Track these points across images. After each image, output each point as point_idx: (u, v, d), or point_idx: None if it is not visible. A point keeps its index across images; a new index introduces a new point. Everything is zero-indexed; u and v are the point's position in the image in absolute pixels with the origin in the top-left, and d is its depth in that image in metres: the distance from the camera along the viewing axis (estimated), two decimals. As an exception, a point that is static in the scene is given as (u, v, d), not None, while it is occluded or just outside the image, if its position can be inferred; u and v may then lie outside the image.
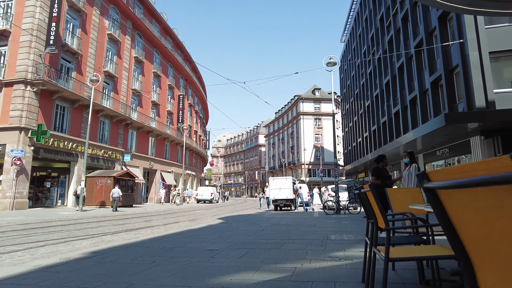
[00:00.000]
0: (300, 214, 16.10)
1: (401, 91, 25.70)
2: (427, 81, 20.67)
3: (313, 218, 13.20)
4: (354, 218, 12.60)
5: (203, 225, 10.63)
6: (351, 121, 47.81)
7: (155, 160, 35.44)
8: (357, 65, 41.98)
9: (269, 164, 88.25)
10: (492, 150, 14.91)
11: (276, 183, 19.09)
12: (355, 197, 15.23)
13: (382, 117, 30.88)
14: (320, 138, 68.01)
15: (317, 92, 71.46)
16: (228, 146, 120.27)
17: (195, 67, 53.01)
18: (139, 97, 32.86)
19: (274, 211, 19.23)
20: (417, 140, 18.88)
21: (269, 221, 11.57)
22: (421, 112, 21.48)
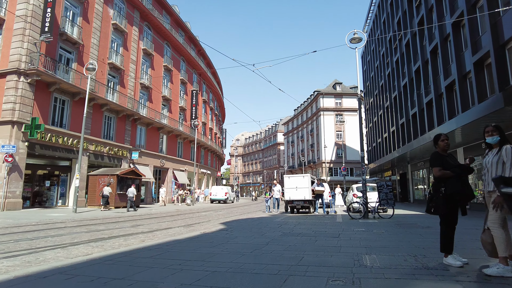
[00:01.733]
0: (320, 218, 13.63)
1: (435, 78, 22.68)
2: (469, 62, 17.69)
3: (336, 224, 10.73)
4: (387, 224, 10.05)
5: (196, 233, 8.41)
6: (376, 116, 44.61)
7: (166, 158, 33.73)
8: (382, 54, 38.82)
9: (288, 163, 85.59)
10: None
11: (292, 181, 16.68)
12: (387, 198, 12.62)
13: (412, 108, 27.82)
14: (342, 135, 64.65)
15: (338, 87, 68.16)
16: (246, 145, 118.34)
17: (209, 62, 51.19)
18: (148, 91, 31.20)
19: (289, 213, 16.83)
20: (456, 132, 16.03)
21: (280, 229, 9.22)
22: (461, 99, 18.49)
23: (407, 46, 28.79)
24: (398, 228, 8.95)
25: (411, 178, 29.99)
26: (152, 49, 31.93)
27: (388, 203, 12.64)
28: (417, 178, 29.12)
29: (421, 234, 7.42)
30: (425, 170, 26.39)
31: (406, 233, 7.72)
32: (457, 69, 18.87)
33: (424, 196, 26.79)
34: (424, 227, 9.07)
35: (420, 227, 8.98)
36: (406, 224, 10.04)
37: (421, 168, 27.04)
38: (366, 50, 50.16)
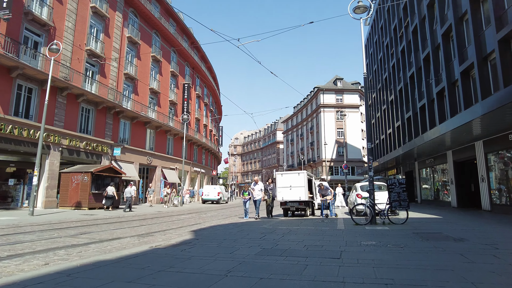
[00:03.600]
0: (317, 223, 11.25)
1: (447, 64, 20.25)
2: (492, 41, 15.27)
3: (336, 232, 8.34)
4: (403, 234, 7.65)
5: (143, 248, 6.05)
6: (379, 111, 42.18)
7: (154, 156, 31.36)
8: (386, 45, 36.38)
9: (288, 162, 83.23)
10: None
11: (285, 179, 14.29)
12: (400, 199, 10.22)
13: (420, 100, 25.39)
14: (343, 133, 62.23)
15: (339, 83, 65.71)
16: (245, 144, 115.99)
17: (204, 56, 48.79)
18: (134, 83, 28.84)
19: (282, 217, 14.43)
20: (473, 123, 13.60)
21: (261, 242, 6.85)
22: (481, 85, 16.08)
23: (415, 32, 26.35)
24: (421, 241, 6.55)
25: (419, 176, 27.59)
26: (138, 38, 29.57)
27: (401, 205, 10.24)
28: (425, 177, 26.71)
29: (463, 254, 5.03)
30: (435, 167, 23.97)
31: (439, 252, 5.33)
32: (476, 51, 16.45)
33: (433, 196, 24.38)
34: (457, 239, 6.68)
35: (452, 240, 6.59)
36: (428, 234, 7.64)
37: (430, 166, 24.63)
38: (369, 43, 47.68)
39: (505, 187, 15.21)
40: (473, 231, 8.02)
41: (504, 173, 15.26)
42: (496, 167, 15.91)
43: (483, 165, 16.42)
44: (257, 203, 12.96)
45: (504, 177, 15.23)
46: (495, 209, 15.66)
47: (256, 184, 13.27)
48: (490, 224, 9.95)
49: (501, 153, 15.35)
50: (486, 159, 16.26)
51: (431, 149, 21.49)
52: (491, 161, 16.19)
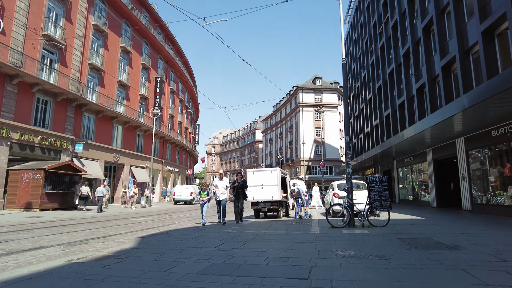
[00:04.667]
0: (289, 226, 10.00)
1: (428, 59, 19.56)
2: (475, 34, 14.56)
3: (309, 238, 7.09)
4: (387, 241, 6.48)
5: (57, 263, 4.56)
6: (357, 110, 41.69)
7: (122, 153, 29.36)
8: (365, 42, 35.82)
9: (266, 161, 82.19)
10: None
11: (256, 177, 12.97)
12: (381, 198, 9.11)
13: (399, 97, 24.74)
14: (321, 132, 61.80)
15: (318, 82, 65.23)
16: (224, 143, 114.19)
17: (179, 50, 46.90)
18: (99, 74, 26.78)
19: (253, 219, 13.12)
20: (454, 118, 12.79)
21: (213, 254, 5.49)
22: (463, 80, 15.36)
23: (395, 28, 25.71)
24: (410, 250, 5.36)
25: (397, 175, 27.00)
26: (106, 26, 27.52)
27: (382, 206, 9.13)
28: (404, 176, 26.14)
29: (467, 271, 3.84)
30: (414, 166, 23.34)
31: (436, 267, 4.13)
32: (458, 44, 15.73)
33: (412, 195, 23.77)
34: (450, 246, 5.55)
35: (445, 248, 5.44)
36: (415, 240, 6.50)
37: (409, 164, 23.99)
38: (348, 41, 47.23)
39: (486, 186, 14.51)
40: (464, 236, 6.96)
41: (486, 172, 14.56)
42: (477, 165, 15.21)
43: (464, 163, 15.71)
44: (222, 204, 10.56)
45: (486, 176, 14.54)
46: (476, 209, 14.96)
47: (220, 179, 10.80)
48: (477, 225, 9.01)
49: (483, 150, 14.64)
50: (467, 157, 15.56)
51: (411, 147, 20.79)
52: (472, 158, 15.48)
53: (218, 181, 10.81)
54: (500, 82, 9.52)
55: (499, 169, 13.65)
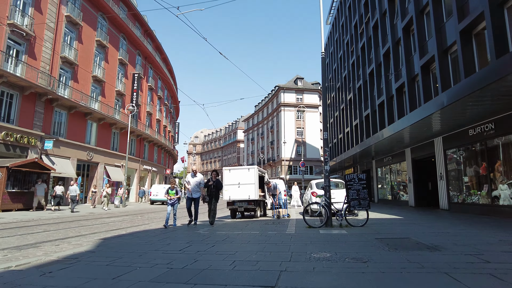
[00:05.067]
0: (265, 226, 9.56)
1: (407, 58, 19.60)
2: (453, 33, 14.58)
3: (283, 239, 6.65)
4: (365, 241, 6.13)
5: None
6: (337, 110, 41.81)
7: (96, 151, 28.17)
8: (346, 42, 35.92)
9: (248, 161, 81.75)
10: None
11: (233, 176, 12.47)
12: (359, 197, 8.79)
13: (379, 97, 24.80)
14: (303, 132, 61.99)
15: (300, 82, 65.35)
16: (205, 142, 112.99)
17: (159, 46, 45.81)
18: (73, 68, 25.56)
19: (228, 219, 12.62)
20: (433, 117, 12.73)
21: (177, 257, 4.98)
22: (441, 79, 15.37)
23: (375, 28, 25.78)
24: (389, 251, 5.00)
25: (376, 175, 27.10)
26: (80, 18, 26.31)
27: (361, 205, 8.82)
28: (382, 176, 26.24)
29: (450, 275, 3.49)
30: (393, 166, 23.42)
31: (417, 271, 3.76)
32: (437, 43, 15.75)
33: (391, 195, 23.85)
34: (431, 247, 5.23)
35: (426, 249, 5.11)
36: (395, 240, 6.17)
37: (387, 164, 24.08)
38: (329, 41, 47.39)
39: (463, 185, 14.56)
40: (444, 235, 6.70)
41: (462, 171, 14.61)
42: (454, 165, 15.25)
43: (442, 163, 15.74)
44: (195, 202, 9.59)
45: (463, 175, 14.58)
46: (453, 208, 14.99)
47: (194, 175, 9.70)
48: (455, 225, 8.84)
49: (460, 149, 14.68)
50: (445, 156, 15.58)
51: (389, 147, 20.81)
52: (450, 157, 15.52)
53: (191, 177, 9.76)
54: (478, 80, 9.41)
55: (475, 168, 13.69)
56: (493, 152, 12.51)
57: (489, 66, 9.33)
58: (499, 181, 12.18)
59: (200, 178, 9.84)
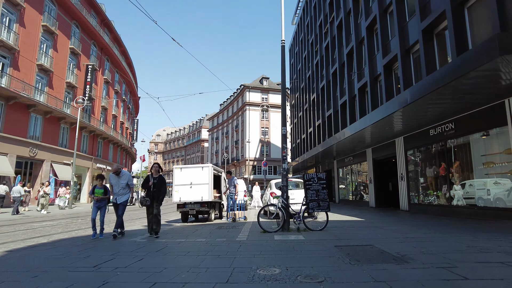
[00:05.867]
0: (215, 231, 8.58)
1: (370, 58, 19.45)
2: (416, 32, 14.42)
3: (229, 248, 5.68)
4: (324, 250, 5.31)
5: None
6: (301, 110, 41.67)
7: (41, 147, 25.63)
8: (311, 42, 35.75)
9: (212, 160, 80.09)
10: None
11: (184, 175, 11.30)
12: (318, 198, 8.04)
13: (341, 97, 24.63)
14: (267, 132, 61.60)
15: (265, 82, 64.92)
16: (168, 141, 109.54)
17: (117, 38, 43.24)
18: (12, 54, 22.99)
19: (179, 223, 11.45)
20: (395, 116, 12.44)
21: (79, 279, 3.82)
22: (403, 78, 15.19)
23: (339, 27, 25.63)
24: (350, 264, 4.18)
25: (337, 175, 26.98)
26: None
27: (320, 206, 8.06)
28: (344, 176, 26.14)
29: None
30: (354, 166, 23.30)
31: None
32: (400, 42, 15.58)
33: (352, 195, 23.72)
34: (398, 258, 4.48)
35: (392, 260, 4.35)
36: (357, 248, 5.40)
37: (349, 164, 23.94)
38: (295, 41, 47.25)
39: (423, 186, 14.43)
40: (409, 241, 6.07)
41: (423, 171, 14.48)
42: (415, 165, 15.12)
43: (403, 163, 15.57)
44: (119, 208, 7.57)
45: (423, 175, 14.45)
46: (413, 209, 14.84)
47: (117, 175, 7.62)
48: (418, 227, 8.35)
49: (421, 149, 14.54)
50: (406, 156, 15.43)
51: (351, 146, 20.57)
52: (411, 157, 15.39)
53: (113, 178, 7.63)
54: (441, 77, 9.03)
55: (434, 168, 13.57)
56: (452, 153, 12.38)
57: (451, 63, 8.99)
58: (457, 182, 12.06)
59: (127, 177, 7.73)
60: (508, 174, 9.73)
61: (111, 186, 7.70)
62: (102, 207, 7.64)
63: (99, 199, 7.57)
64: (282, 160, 8.41)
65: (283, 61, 8.99)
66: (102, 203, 7.64)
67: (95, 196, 7.58)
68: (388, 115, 12.14)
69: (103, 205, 7.65)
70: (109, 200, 7.75)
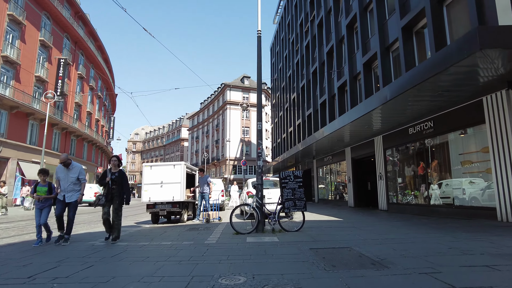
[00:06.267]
0: (184, 233, 8.03)
1: (350, 56, 19.30)
2: (396, 30, 14.31)
3: (194, 253, 5.15)
4: (298, 254, 4.87)
5: None
6: (282, 110, 41.42)
7: (6, 144, 24.14)
8: (292, 41, 35.54)
9: (192, 160, 78.87)
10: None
11: (154, 174, 10.61)
12: (295, 197, 7.61)
13: (321, 96, 24.45)
14: (248, 132, 61.09)
15: (246, 81, 64.41)
16: (147, 140, 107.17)
17: (93, 32, 41.64)
18: (-26, 45, 21.52)
19: (148, 225, 10.79)
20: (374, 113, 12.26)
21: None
22: (383, 77, 15.05)
23: (320, 26, 25.45)
24: (325, 271, 3.74)
25: (316, 175, 26.81)
26: (-14, -13, 22.27)
27: (296, 206, 7.64)
28: (323, 175, 25.99)
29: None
30: (333, 166, 23.15)
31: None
32: (380, 40, 15.43)
33: (331, 195, 23.57)
34: (377, 262, 4.08)
35: (370, 265, 3.94)
36: (333, 251, 4.99)
37: (328, 163, 23.78)
38: (276, 40, 47.00)
39: (401, 185, 14.32)
40: (388, 242, 5.72)
41: (401, 170, 14.37)
42: (393, 164, 15.01)
43: (382, 162, 15.43)
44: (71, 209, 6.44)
45: (401, 175, 14.35)
46: (391, 208, 14.72)
47: (66, 168, 6.49)
48: (397, 227, 8.07)
49: (400, 148, 14.42)
50: (385, 156, 15.30)
51: (330, 145, 20.34)
52: (389, 156, 15.27)
53: (61, 171, 6.50)
54: (422, 72, 8.80)
55: (413, 168, 13.47)
56: (430, 152, 12.28)
57: (432, 58, 8.75)
58: (434, 181, 11.97)
59: (78, 169, 6.66)
60: (484, 172, 9.64)
61: (58, 182, 6.53)
62: (46, 207, 6.35)
63: (42, 199, 6.30)
64: (257, 157, 7.94)
65: (259, 53, 8.53)
66: (46, 203, 6.35)
67: (36, 195, 6.32)
68: (367, 113, 11.89)
69: (46, 205, 6.36)
70: (55, 200, 6.49)
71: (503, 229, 7.23)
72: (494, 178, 8.94)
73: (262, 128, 8.39)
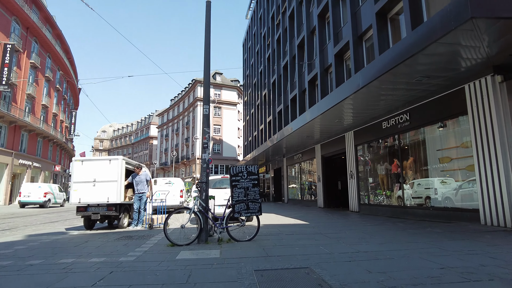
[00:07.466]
0: (108, 244, 6.43)
1: (322, 48, 18.14)
2: (369, 17, 13.21)
3: (75, 286, 3.53)
4: (236, 278, 3.38)
5: None
6: (253, 107, 40.04)
7: None
8: (263, 35, 34.21)
9: (161, 159, 76.00)
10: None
11: (86, 170, 8.78)
12: (247, 199, 6.14)
13: (291, 91, 23.23)
14: (220, 130, 59.23)
15: (218, 77, 62.50)
16: (114, 138, 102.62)
17: (49, 17, 38.35)
18: None
19: (77, 231, 8.97)
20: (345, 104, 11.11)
21: None
22: (355, 67, 13.94)
23: (291, 18, 24.23)
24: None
25: (286, 174, 25.59)
26: None
27: (249, 209, 6.17)
28: (293, 175, 24.81)
29: None
30: (303, 164, 21.96)
31: None
32: (352, 29, 14.32)
33: (300, 195, 22.39)
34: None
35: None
36: (285, 275, 3.54)
37: (298, 162, 22.57)
38: (248, 36, 45.55)
39: (374, 185, 13.25)
40: (361, 260, 4.38)
41: (373, 169, 13.29)
42: (366, 162, 13.93)
43: (353, 160, 14.32)
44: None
45: (373, 173, 13.27)
46: (363, 209, 13.62)
47: None
48: (372, 235, 6.80)
49: (373, 144, 13.33)
50: (356, 153, 14.18)
51: (300, 142, 19.12)
52: (361, 154, 14.17)
53: None
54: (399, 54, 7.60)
55: (386, 165, 12.41)
56: (406, 148, 11.22)
57: (410, 36, 7.57)
58: (409, 180, 10.93)
59: None
60: (465, 169, 8.62)
61: None
62: None
63: None
64: (203, 149, 6.43)
65: (207, 23, 7.02)
66: None
67: None
68: (338, 103, 10.65)
69: None
70: None
71: (492, 235, 6.12)
72: (478, 176, 7.90)
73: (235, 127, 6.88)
